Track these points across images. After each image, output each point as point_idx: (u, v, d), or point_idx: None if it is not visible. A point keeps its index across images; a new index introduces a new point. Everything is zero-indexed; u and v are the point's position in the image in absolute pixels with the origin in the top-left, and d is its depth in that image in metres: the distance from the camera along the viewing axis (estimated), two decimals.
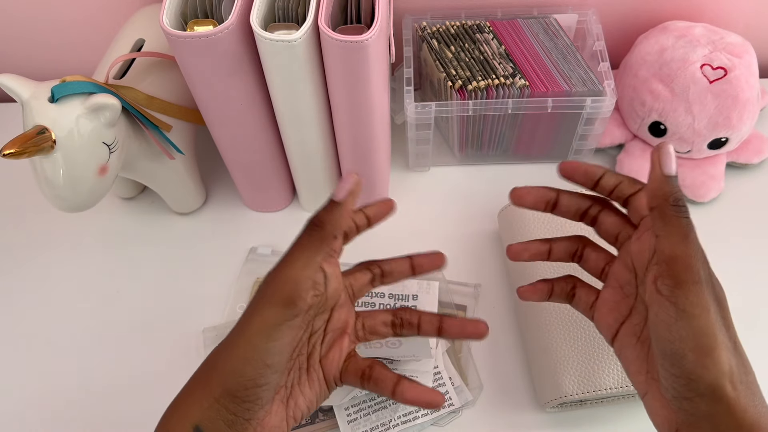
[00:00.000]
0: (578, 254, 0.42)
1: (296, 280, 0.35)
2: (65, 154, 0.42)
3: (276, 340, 0.34)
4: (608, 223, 0.40)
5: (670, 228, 0.34)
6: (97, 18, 0.62)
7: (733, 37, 0.55)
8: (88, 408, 0.50)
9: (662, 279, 0.33)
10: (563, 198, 0.41)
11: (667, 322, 0.33)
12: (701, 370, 0.32)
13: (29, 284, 0.56)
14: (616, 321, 0.38)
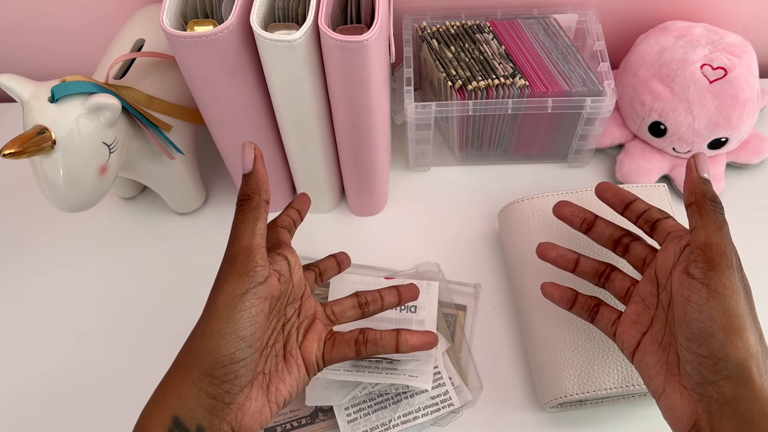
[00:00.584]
0: (605, 275, 0.44)
1: (248, 249, 0.36)
2: (65, 154, 0.42)
3: (244, 310, 0.35)
4: (638, 250, 0.43)
5: (706, 219, 0.36)
6: (97, 18, 0.62)
7: (733, 37, 0.55)
8: (87, 408, 0.50)
9: (696, 263, 0.35)
10: (600, 222, 0.45)
11: (698, 302, 0.34)
12: (730, 348, 0.33)
13: (29, 284, 0.56)
14: (638, 332, 0.39)
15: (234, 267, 0.36)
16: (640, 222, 0.43)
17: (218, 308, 0.35)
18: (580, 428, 0.47)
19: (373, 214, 0.59)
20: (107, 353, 0.52)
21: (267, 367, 0.38)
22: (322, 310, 0.43)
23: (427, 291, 0.52)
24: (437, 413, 0.47)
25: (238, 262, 0.35)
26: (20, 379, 0.51)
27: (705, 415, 0.33)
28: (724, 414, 0.32)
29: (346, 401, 0.47)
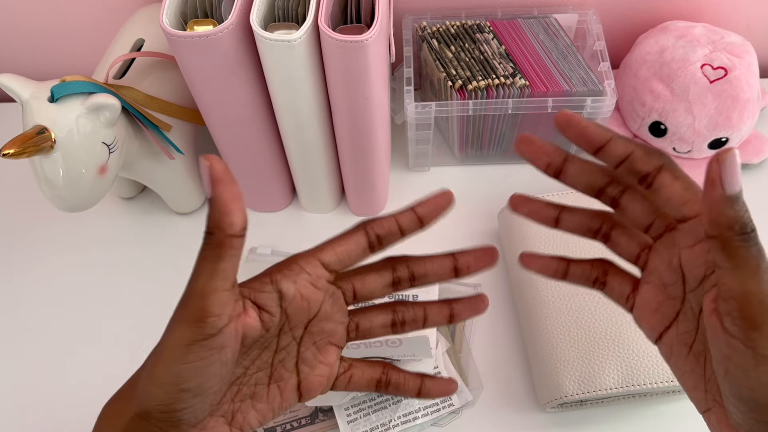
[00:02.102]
0: (603, 233, 0.35)
1: (202, 293, 0.30)
2: (65, 154, 0.42)
3: (188, 363, 0.29)
4: (637, 210, 0.33)
5: (737, 261, 0.27)
6: (97, 18, 0.62)
7: (734, 37, 0.55)
8: (87, 408, 0.49)
9: (732, 318, 0.28)
10: (570, 167, 0.33)
11: (743, 366, 0.28)
12: None
13: (29, 284, 0.56)
14: (660, 324, 0.33)
15: (184, 311, 0.30)
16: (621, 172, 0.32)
17: (163, 353, 0.30)
18: (580, 428, 0.47)
19: (373, 214, 0.59)
20: (107, 353, 0.52)
21: (239, 396, 0.33)
22: (342, 334, 0.35)
23: (427, 291, 0.52)
24: (437, 413, 0.47)
25: (189, 306, 0.30)
26: (20, 378, 0.51)
27: None
28: None
29: (346, 401, 0.47)
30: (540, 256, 0.37)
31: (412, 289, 0.37)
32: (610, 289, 0.35)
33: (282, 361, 0.34)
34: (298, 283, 0.33)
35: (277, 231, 0.58)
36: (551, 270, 0.36)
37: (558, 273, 0.36)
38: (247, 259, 0.56)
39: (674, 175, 0.31)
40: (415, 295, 0.52)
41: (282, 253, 0.56)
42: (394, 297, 0.52)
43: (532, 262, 0.37)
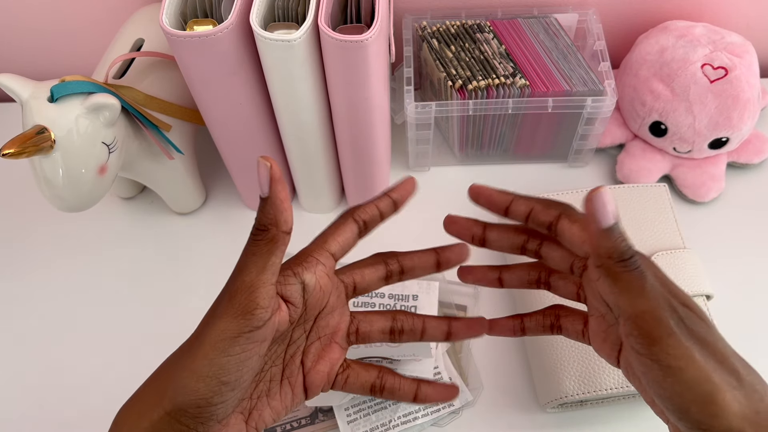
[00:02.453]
0: (543, 282, 0.38)
1: (252, 285, 0.31)
2: (65, 154, 0.42)
3: (233, 355, 0.30)
4: (555, 257, 0.36)
5: (621, 285, 0.31)
6: (97, 17, 0.62)
7: (734, 37, 0.55)
8: (87, 407, 0.50)
9: (634, 338, 0.30)
10: (491, 234, 0.38)
11: (656, 380, 0.30)
12: (711, 419, 0.29)
13: (29, 284, 0.56)
14: (612, 350, 0.35)
15: (232, 304, 0.31)
16: (530, 225, 0.36)
17: (204, 347, 0.31)
18: (580, 428, 0.47)
19: None
20: (107, 353, 0.52)
21: (256, 392, 0.34)
22: (345, 329, 0.37)
23: (427, 291, 0.52)
24: (437, 414, 0.47)
25: (237, 299, 0.31)
26: (19, 378, 0.51)
27: None
28: None
29: (346, 401, 0.47)
30: (498, 320, 0.39)
31: (402, 281, 0.39)
32: (566, 330, 0.38)
33: (292, 356, 0.35)
34: (318, 275, 0.35)
35: None
36: (510, 330, 0.39)
37: (516, 331, 0.39)
38: None
39: (571, 220, 0.34)
40: (415, 294, 0.52)
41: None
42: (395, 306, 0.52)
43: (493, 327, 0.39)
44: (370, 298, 0.52)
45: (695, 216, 0.57)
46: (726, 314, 0.48)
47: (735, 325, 0.48)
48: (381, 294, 0.52)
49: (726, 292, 0.51)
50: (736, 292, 0.52)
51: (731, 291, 0.52)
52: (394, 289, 0.52)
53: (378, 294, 0.52)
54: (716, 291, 0.48)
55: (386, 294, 0.52)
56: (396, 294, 0.52)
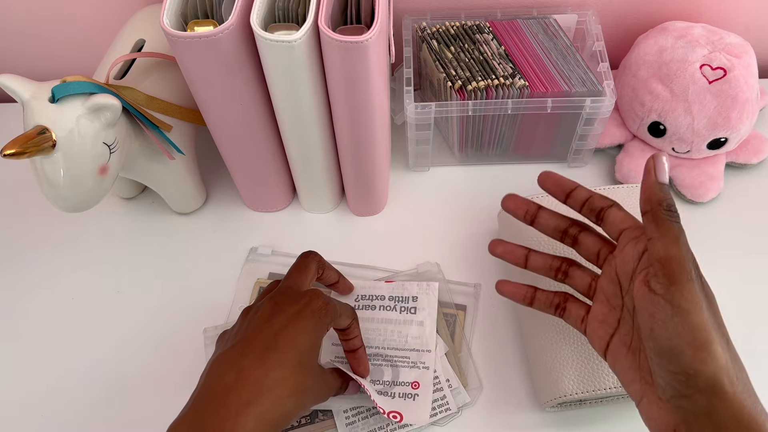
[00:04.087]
0: (562, 270, 0.44)
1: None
2: (66, 155, 0.42)
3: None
4: (588, 242, 0.43)
5: (663, 230, 0.36)
6: (98, 18, 0.63)
7: (733, 38, 0.55)
8: (87, 407, 0.50)
9: (656, 278, 0.35)
10: (542, 213, 0.45)
11: (663, 319, 0.34)
12: (699, 364, 0.33)
13: (29, 284, 0.56)
14: (606, 333, 0.40)
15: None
16: (584, 211, 0.43)
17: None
18: (580, 428, 0.47)
19: (373, 214, 0.59)
20: (107, 353, 0.52)
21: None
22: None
23: (427, 292, 0.52)
24: (434, 417, 0.47)
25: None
26: (20, 378, 0.51)
27: (683, 425, 0.34)
28: (700, 424, 0.33)
29: (345, 404, 0.48)
30: (512, 283, 0.46)
31: (383, 287, 0.52)
32: (568, 313, 0.43)
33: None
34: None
35: (277, 231, 0.58)
36: (520, 296, 0.45)
37: (526, 299, 0.45)
38: (247, 260, 0.56)
39: (619, 209, 0.42)
40: (415, 296, 0.52)
41: (282, 253, 0.56)
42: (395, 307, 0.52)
43: (505, 287, 0.46)
44: (371, 301, 0.52)
45: (694, 216, 0.57)
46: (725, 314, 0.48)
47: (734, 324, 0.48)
48: (381, 296, 0.52)
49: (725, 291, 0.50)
50: (735, 291, 0.52)
51: (730, 291, 0.52)
52: (394, 290, 0.52)
53: (378, 297, 0.52)
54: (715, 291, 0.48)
55: (386, 296, 0.52)
56: (396, 296, 0.52)
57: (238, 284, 0.55)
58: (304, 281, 0.44)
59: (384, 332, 0.50)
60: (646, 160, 0.38)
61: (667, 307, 0.34)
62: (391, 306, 0.52)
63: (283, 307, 0.41)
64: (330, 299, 0.43)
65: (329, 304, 0.42)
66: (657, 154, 0.38)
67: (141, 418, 0.49)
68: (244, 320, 0.43)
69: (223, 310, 0.54)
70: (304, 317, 0.40)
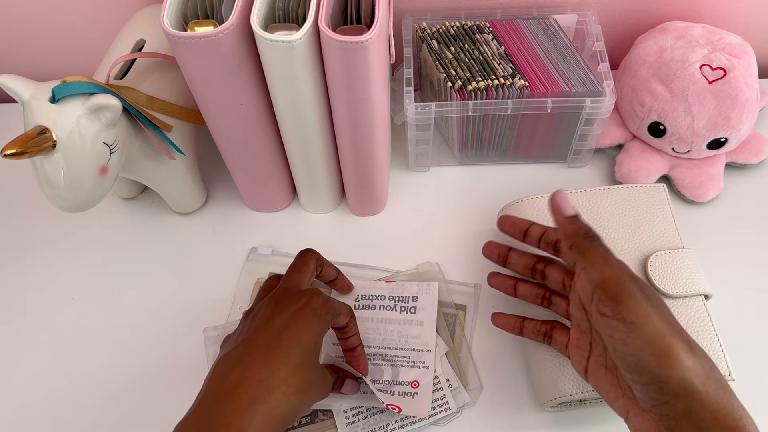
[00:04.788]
0: (546, 297, 0.46)
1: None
2: (66, 155, 0.42)
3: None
4: (554, 274, 0.45)
5: (590, 257, 0.38)
6: (98, 18, 0.63)
7: (732, 38, 0.55)
8: (88, 407, 0.50)
9: (603, 302, 0.36)
10: (511, 254, 0.48)
11: (620, 338, 0.36)
12: (666, 370, 0.34)
13: (30, 284, 0.56)
14: (582, 357, 0.41)
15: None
16: (542, 246, 0.46)
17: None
18: (580, 428, 0.47)
19: (373, 214, 0.59)
20: (107, 353, 0.52)
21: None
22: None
23: (427, 291, 0.52)
24: (434, 417, 0.47)
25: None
26: (20, 378, 0.51)
27: (667, 431, 0.35)
28: (683, 427, 0.34)
29: (345, 404, 0.48)
30: (504, 315, 0.48)
31: (383, 287, 0.53)
32: (554, 340, 0.45)
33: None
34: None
35: (277, 231, 0.59)
36: (510, 326, 0.47)
37: (516, 329, 0.47)
38: (247, 259, 0.56)
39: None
40: (415, 296, 0.52)
41: (282, 253, 0.56)
42: (395, 307, 0.52)
43: (498, 320, 0.48)
44: (371, 300, 0.52)
45: (694, 216, 0.57)
46: (725, 314, 0.49)
47: (734, 324, 0.49)
48: (381, 296, 0.52)
49: (724, 291, 0.51)
50: (734, 291, 0.52)
51: (730, 291, 0.52)
52: (394, 290, 0.52)
53: (378, 296, 0.52)
54: (715, 291, 0.48)
55: (386, 296, 0.52)
56: (396, 296, 0.52)
57: (238, 284, 0.55)
58: (303, 280, 0.45)
59: (384, 332, 0.51)
60: (549, 202, 0.42)
61: (620, 326, 0.35)
62: (391, 306, 0.52)
63: (284, 306, 0.41)
64: (329, 297, 0.43)
65: (328, 302, 0.42)
66: (554, 194, 0.42)
67: (141, 418, 0.49)
68: (245, 322, 0.43)
69: (223, 310, 0.54)
70: (305, 315, 0.41)
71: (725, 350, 0.45)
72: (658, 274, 0.48)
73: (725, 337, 0.46)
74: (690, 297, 0.47)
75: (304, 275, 0.45)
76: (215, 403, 0.37)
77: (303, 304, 0.41)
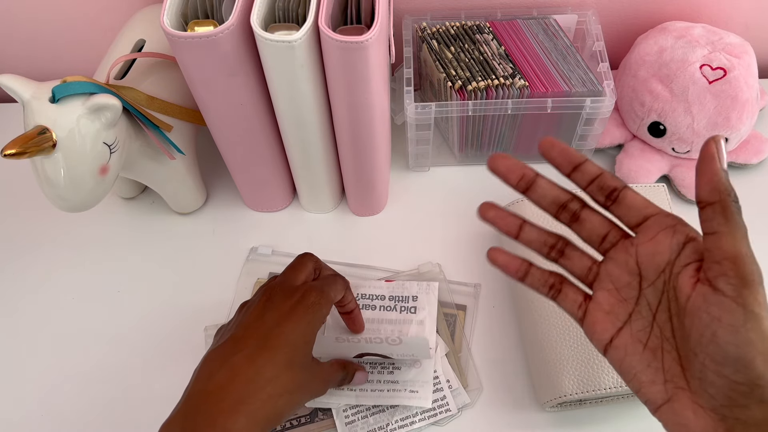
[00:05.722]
0: (557, 248, 0.38)
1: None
2: (66, 155, 0.42)
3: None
4: (594, 222, 0.37)
5: (732, 225, 0.31)
6: (98, 18, 0.63)
7: (732, 38, 0.55)
8: (88, 407, 0.50)
9: (726, 278, 0.30)
10: (541, 181, 0.38)
11: (732, 324, 0.30)
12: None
13: (30, 284, 0.56)
14: (613, 326, 0.35)
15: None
16: (592, 188, 0.36)
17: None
18: (580, 428, 0.47)
19: (373, 214, 0.59)
20: (107, 353, 0.52)
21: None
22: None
23: (427, 291, 0.52)
24: (434, 418, 0.47)
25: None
26: (20, 378, 0.51)
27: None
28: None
29: (344, 404, 0.48)
30: (506, 253, 0.40)
31: (384, 287, 0.52)
32: (564, 296, 0.38)
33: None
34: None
35: (277, 231, 0.59)
36: (513, 268, 0.40)
37: (519, 272, 0.39)
38: (247, 259, 0.56)
39: (636, 192, 0.36)
40: (415, 295, 0.52)
41: (282, 253, 0.56)
42: (395, 307, 0.52)
43: (498, 256, 0.40)
44: (371, 300, 0.52)
45: (694, 216, 0.56)
46: None
47: None
48: (381, 296, 0.52)
49: None
50: None
51: None
52: (394, 290, 0.52)
53: (378, 296, 0.52)
54: None
55: (386, 296, 0.52)
56: (396, 296, 0.52)
57: (238, 284, 0.55)
58: (299, 278, 0.44)
59: (384, 332, 0.51)
60: (705, 143, 0.32)
61: (738, 311, 0.30)
62: (391, 306, 0.52)
63: (276, 302, 0.41)
64: (323, 288, 0.42)
65: (323, 295, 0.41)
66: (716, 137, 0.32)
67: (141, 418, 0.49)
68: (238, 315, 0.43)
69: (224, 309, 0.54)
70: (297, 313, 0.40)
71: None
72: None
73: None
74: None
75: (301, 273, 0.44)
76: (200, 403, 0.36)
77: (296, 301, 0.40)
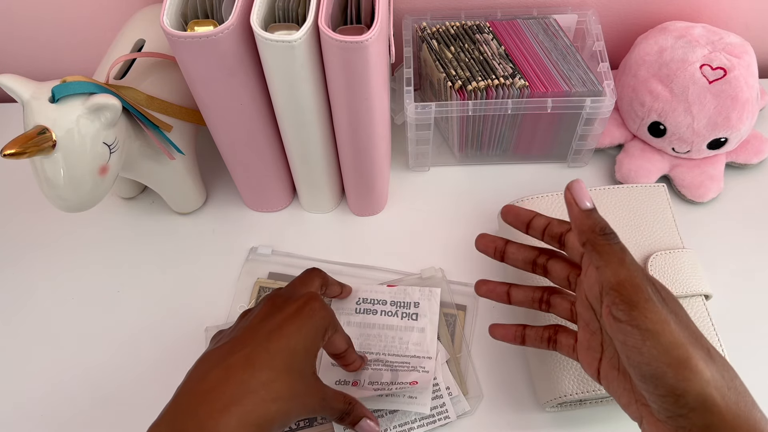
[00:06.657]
0: (545, 300, 0.43)
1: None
2: (66, 155, 0.42)
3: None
4: (557, 269, 0.42)
5: (606, 256, 0.35)
6: (98, 18, 0.63)
7: (733, 38, 0.55)
8: (88, 407, 0.50)
9: (616, 306, 0.34)
10: (510, 247, 0.45)
11: (635, 346, 0.33)
12: (684, 383, 0.32)
13: (29, 284, 0.56)
14: (594, 359, 0.38)
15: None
16: (546, 238, 0.42)
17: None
18: (580, 428, 0.47)
19: (373, 214, 0.59)
20: (108, 353, 0.52)
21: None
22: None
23: (429, 298, 0.52)
24: (432, 425, 0.47)
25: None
26: (20, 378, 0.51)
27: None
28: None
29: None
30: (502, 325, 0.45)
31: (386, 292, 0.52)
32: (560, 344, 0.42)
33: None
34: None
35: (277, 231, 0.58)
36: (511, 337, 0.44)
37: (517, 339, 0.44)
38: (247, 259, 0.56)
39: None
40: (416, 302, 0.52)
41: (282, 253, 0.56)
42: (396, 312, 0.52)
43: (496, 331, 0.45)
44: (372, 305, 0.52)
45: (694, 216, 0.57)
46: (725, 314, 0.49)
47: (734, 324, 0.49)
48: (383, 301, 0.52)
49: (725, 291, 0.51)
50: (734, 291, 0.52)
51: (730, 291, 0.52)
52: (396, 295, 0.52)
53: (380, 301, 0.52)
54: (715, 291, 0.48)
55: (388, 301, 0.52)
56: (398, 301, 0.52)
57: (238, 284, 0.55)
58: (304, 289, 0.44)
59: (385, 338, 0.50)
60: (564, 192, 0.38)
61: (635, 333, 0.33)
62: (392, 311, 0.52)
63: (280, 307, 0.40)
64: (329, 307, 0.42)
65: (327, 309, 0.41)
66: (571, 183, 0.37)
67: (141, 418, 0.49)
68: (239, 321, 0.43)
69: (224, 309, 0.54)
70: (299, 318, 0.39)
71: (725, 350, 0.45)
72: (658, 274, 0.48)
73: (725, 337, 0.46)
74: (690, 297, 0.47)
75: (306, 286, 0.44)
76: (190, 403, 0.36)
77: (299, 306, 0.40)
